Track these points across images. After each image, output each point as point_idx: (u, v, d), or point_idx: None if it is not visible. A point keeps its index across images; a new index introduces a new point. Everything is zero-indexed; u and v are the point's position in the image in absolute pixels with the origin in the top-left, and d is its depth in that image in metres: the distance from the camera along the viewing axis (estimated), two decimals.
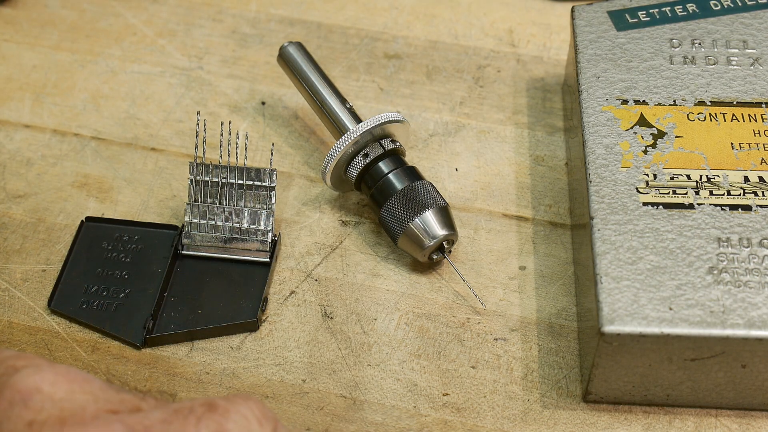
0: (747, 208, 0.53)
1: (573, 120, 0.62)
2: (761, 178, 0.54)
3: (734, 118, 0.56)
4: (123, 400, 0.41)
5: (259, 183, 0.58)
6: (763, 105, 0.57)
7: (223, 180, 0.58)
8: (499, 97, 0.68)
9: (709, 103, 0.57)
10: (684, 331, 0.48)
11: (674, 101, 0.57)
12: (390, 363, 0.55)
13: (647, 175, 0.54)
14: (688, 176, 0.54)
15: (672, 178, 0.54)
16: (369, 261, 0.60)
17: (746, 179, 0.54)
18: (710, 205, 0.53)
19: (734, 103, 0.57)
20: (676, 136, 0.56)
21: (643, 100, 0.57)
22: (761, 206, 0.53)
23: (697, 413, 0.53)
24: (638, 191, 0.53)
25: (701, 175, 0.54)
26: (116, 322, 0.56)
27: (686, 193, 0.53)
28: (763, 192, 0.53)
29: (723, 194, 0.53)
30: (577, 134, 0.59)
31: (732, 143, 0.55)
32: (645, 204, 0.53)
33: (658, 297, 0.49)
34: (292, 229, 0.61)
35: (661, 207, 0.53)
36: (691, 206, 0.53)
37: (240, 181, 0.58)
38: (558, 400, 0.53)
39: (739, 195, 0.53)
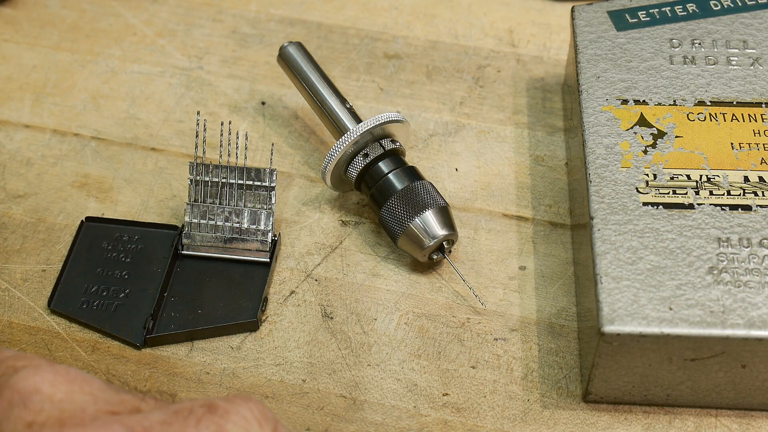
0: (747, 208, 0.53)
1: (573, 120, 0.62)
2: (761, 178, 0.54)
3: (734, 118, 0.56)
4: (123, 401, 0.41)
5: (259, 183, 0.58)
6: (763, 105, 0.57)
7: (223, 180, 0.58)
8: (499, 97, 0.68)
9: (709, 103, 0.57)
10: (684, 331, 0.48)
11: (674, 101, 0.57)
12: (390, 363, 0.55)
13: (647, 175, 0.54)
14: (688, 176, 0.54)
15: (672, 178, 0.54)
16: (369, 261, 0.60)
17: (746, 179, 0.54)
18: (710, 205, 0.53)
19: (734, 103, 0.57)
20: (676, 136, 0.56)
21: (643, 100, 0.57)
22: (761, 206, 0.53)
23: (697, 413, 0.53)
24: (638, 191, 0.53)
25: (701, 175, 0.54)
26: (116, 322, 0.56)
27: (686, 193, 0.53)
28: (763, 192, 0.53)
29: (723, 194, 0.53)
30: (577, 134, 0.59)
31: (732, 143, 0.55)
32: (645, 204, 0.53)
33: (658, 297, 0.49)
34: (292, 229, 0.61)
35: (661, 207, 0.53)
36: (691, 206, 0.53)
37: (240, 181, 0.58)
38: (558, 400, 0.53)
39: (739, 195, 0.53)
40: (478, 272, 0.59)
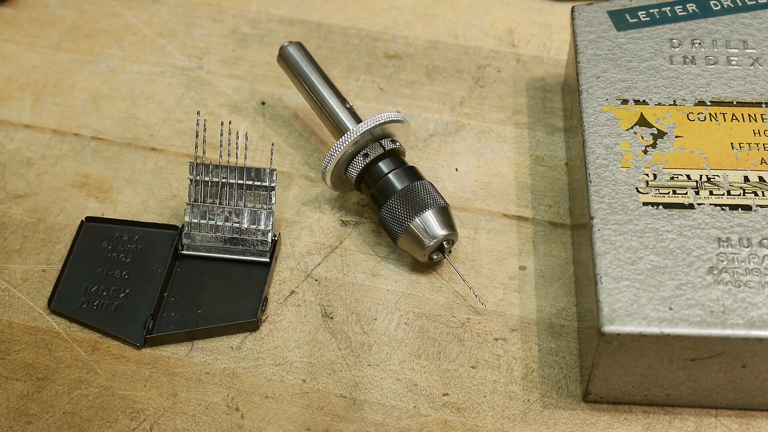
0: (747, 208, 0.53)
1: (573, 120, 0.62)
2: (761, 178, 0.54)
3: (734, 118, 0.56)
4: None
5: (259, 183, 0.59)
6: (763, 105, 0.57)
7: (223, 180, 0.58)
8: (499, 97, 0.68)
9: (709, 103, 0.57)
10: (684, 331, 0.48)
11: (674, 101, 0.57)
12: (390, 363, 0.55)
13: (647, 175, 0.54)
14: (688, 176, 0.54)
15: (672, 178, 0.54)
16: (369, 261, 0.60)
17: (746, 179, 0.54)
18: (710, 205, 0.53)
19: (734, 103, 0.57)
20: (676, 136, 0.56)
21: (643, 100, 0.57)
22: (761, 206, 0.53)
23: (697, 413, 0.53)
24: (638, 191, 0.53)
25: (701, 175, 0.54)
26: (116, 322, 0.56)
27: (686, 193, 0.53)
28: (763, 192, 0.53)
29: (723, 194, 0.53)
30: (577, 134, 0.59)
31: (732, 143, 0.55)
32: (645, 204, 0.53)
33: (658, 297, 0.49)
34: (292, 229, 0.61)
35: (661, 207, 0.53)
36: (691, 206, 0.53)
37: (240, 181, 0.58)
38: (558, 400, 0.53)
39: (739, 195, 0.53)
40: (478, 272, 0.59)
